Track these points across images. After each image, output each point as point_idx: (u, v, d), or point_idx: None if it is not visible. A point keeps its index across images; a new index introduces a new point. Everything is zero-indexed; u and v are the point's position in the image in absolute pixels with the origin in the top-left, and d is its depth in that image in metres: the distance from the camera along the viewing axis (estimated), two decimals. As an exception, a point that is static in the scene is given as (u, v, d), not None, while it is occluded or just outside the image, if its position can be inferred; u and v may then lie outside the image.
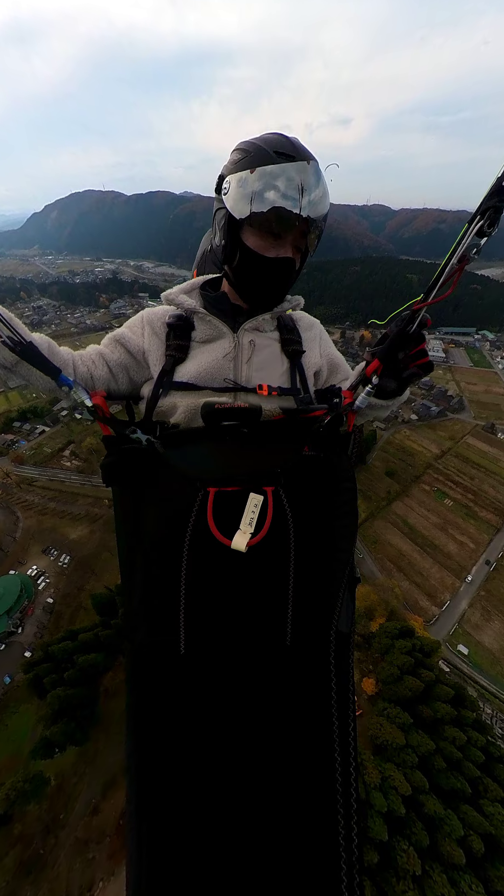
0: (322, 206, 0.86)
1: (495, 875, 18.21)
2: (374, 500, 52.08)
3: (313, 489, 0.94)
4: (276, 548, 0.85)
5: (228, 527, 0.81)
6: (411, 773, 21.49)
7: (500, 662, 34.92)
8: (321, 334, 1.22)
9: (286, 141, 0.84)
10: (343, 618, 0.92)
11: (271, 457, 0.92)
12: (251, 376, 1.00)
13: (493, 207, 0.70)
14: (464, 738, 22.93)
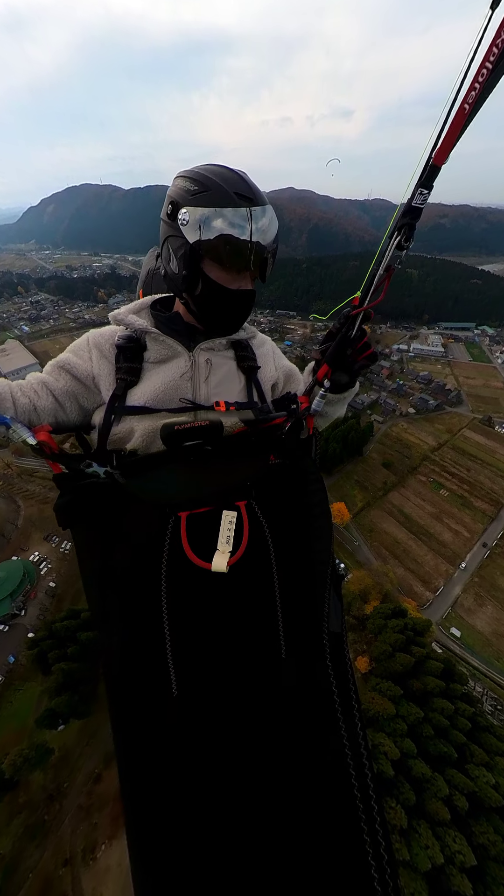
0: (272, 242, 0.93)
1: (478, 830, 19.39)
2: (370, 491, 53.20)
3: (285, 496, 0.97)
4: (257, 561, 0.85)
5: (206, 549, 0.80)
6: (401, 741, 22.66)
7: (491, 644, 36.13)
8: (273, 350, 1.28)
9: (242, 182, 0.88)
10: (333, 618, 0.93)
11: (239, 471, 0.93)
12: (209, 395, 1.00)
13: (407, 224, 0.82)
14: (451, 709, 24.11)
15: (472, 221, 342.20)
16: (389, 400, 76.62)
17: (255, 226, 0.87)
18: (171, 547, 0.80)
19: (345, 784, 0.74)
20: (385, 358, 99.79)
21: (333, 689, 0.83)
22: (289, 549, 0.90)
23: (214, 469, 0.92)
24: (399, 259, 0.89)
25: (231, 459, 0.94)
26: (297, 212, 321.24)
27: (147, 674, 0.78)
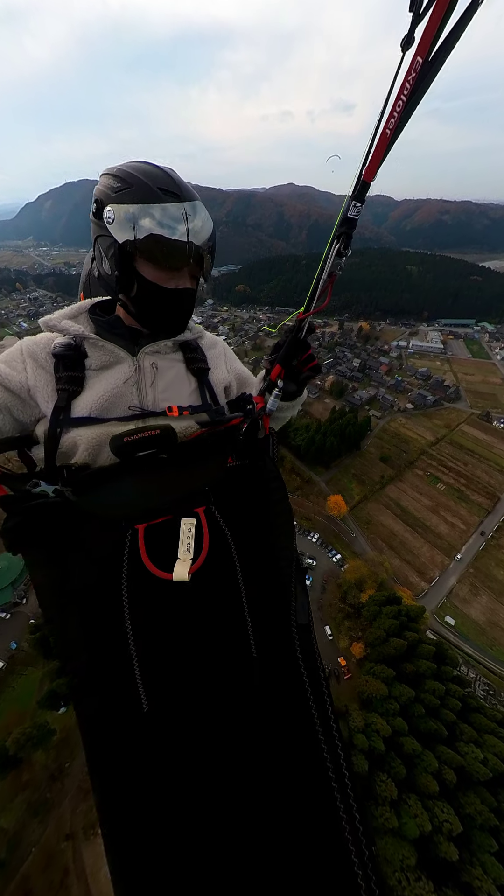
0: (207, 237, 0.92)
1: (466, 802, 20.25)
2: (367, 484, 53.99)
3: (245, 497, 0.98)
4: (220, 566, 0.86)
5: (166, 560, 0.80)
6: (392, 719, 23.52)
7: (485, 632, 37.01)
8: (225, 351, 1.25)
9: (167, 178, 0.87)
10: (300, 610, 0.95)
11: (197, 476, 0.93)
12: (157, 399, 0.98)
13: (344, 234, 0.88)
14: (443, 689, 24.96)
15: (474, 218, 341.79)
16: (388, 396, 77.30)
17: (187, 223, 0.86)
18: (130, 561, 0.79)
19: (321, 776, 0.75)
20: (384, 354, 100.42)
21: (305, 679, 0.85)
22: (252, 549, 0.92)
23: (171, 477, 0.90)
24: (339, 266, 0.93)
25: (188, 465, 0.93)
26: (297, 208, 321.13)
27: (115, 693, 0.77)
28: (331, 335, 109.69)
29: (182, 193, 0.87)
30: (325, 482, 53.47)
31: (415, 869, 18.26)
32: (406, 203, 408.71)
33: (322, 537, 44.53)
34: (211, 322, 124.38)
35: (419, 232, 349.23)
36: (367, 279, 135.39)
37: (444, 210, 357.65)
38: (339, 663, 31.99)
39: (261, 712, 0.82)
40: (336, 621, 35.03)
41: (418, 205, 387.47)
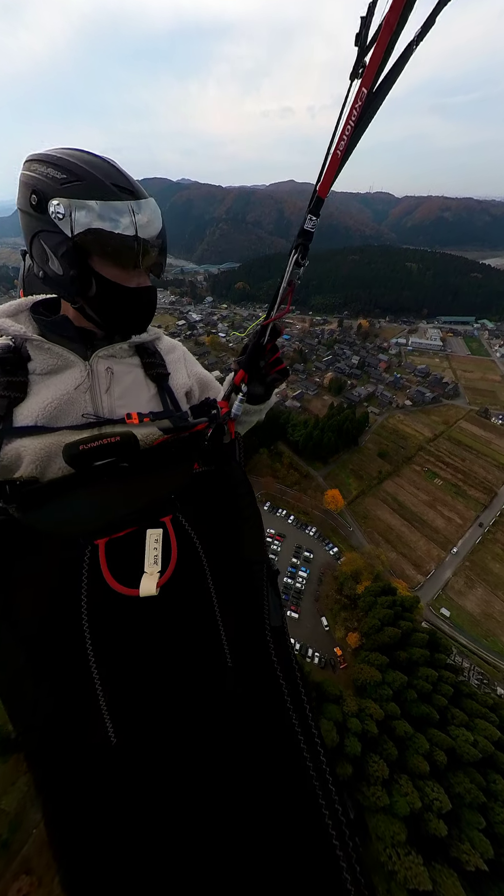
0: (161, 234, 0.90)
1: (456, 781, 20.96)
2: (365, 479, 54.63)
3: (213, 503, 0.96)
4: (190, 575, 0.84)
5: (132, 575, 0.76)
6: (386, 704, 24.22)
7: (480, 624, 37.71)
8: (185, 355, 1.24)
9: (117, 172, 0.84)
10: (273, 613, 0.95)
11: (162, 484, 0.89)
12: (113, 407, 0.93)
13: (302, 245, 0.91)
14: (435, 676, 25.66)
15: (475, 215, 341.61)
16: (386, 392, 77.87)
17: (143, 220, 0.84)
18: (90, 580, 0.74)
19: (304, 780, 0.74)
20: (383, 352, 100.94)
21: (281, 682, 0.84)
22: (222, 556, 0.91)
23: (133, 486, 0.86)
24: (298, 275, 0.96)
25: (151, 473, 0.89)
26: (297, 205, 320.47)
27: (78, 728, 0.70)
28: (330, 332, 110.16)
29: (135, 190, 0.85)
30: (323, 477, 54.09)
31: (405, 844, 18.97)
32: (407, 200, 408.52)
33: (319, 531, 45.18)
34: (210, 319, 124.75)
35: (420, 229, 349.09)
36: (367, 277, 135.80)
37: (445, 207, 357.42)
38: (335, 653, 32.67)
39: (238, 721, 0.80)
40: (332, 612, 35.69)
41: (419, 202, 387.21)
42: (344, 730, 22.82)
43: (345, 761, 21.74)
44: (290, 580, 39.24)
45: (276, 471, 53.76)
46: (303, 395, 76.82)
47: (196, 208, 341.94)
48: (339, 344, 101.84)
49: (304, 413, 67.03)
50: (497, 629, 37.34)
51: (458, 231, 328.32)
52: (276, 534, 44.52)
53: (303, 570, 40.11)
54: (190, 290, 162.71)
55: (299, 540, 44.09)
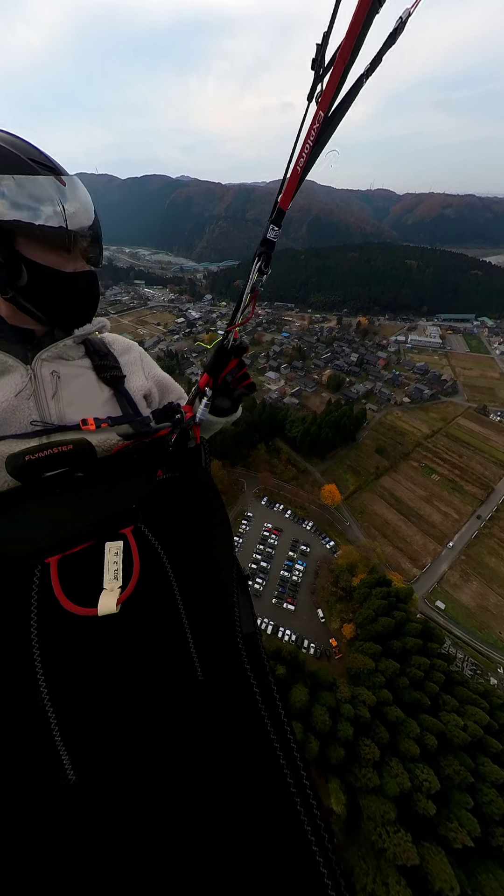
0: (93, 214, 0.87)
1: (445, 764, 21.58)
2: (363, 475, 55.18)
3: (178, 510, 0.92)
4: (154, 588, 0.79)
5: (89, 593, 0.70)
6: (378, 691, 24.85)
7: (475, 616, 38.30)
8: (142, 356, 1.19)
9: (32, 148, 0.79)
10: (244, 620, 0.92)
11: (122, 494, 0.85)
12: (63, 413, 0.87)
13: (264, 253, 0.90)
14: (427, 664, 26.29)
15: (477, 212, 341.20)
16: (385, 390, 78.37)
17: (74, 198, 0.79)
18: (41, 602, 0.67)
19: (281, 789, 0.68)
20: (382, 349, 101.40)
21: (255, 690, 0.80)
22: (189, 565, 0.86)
23: (89, 497, 0.80)
24: (261, 282, 0.97)
25: (109, 483, 0.84)
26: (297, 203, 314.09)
27: (29, 768, 0.62)
28: (329, 330, 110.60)
29: (56, 166, 0.81)
30: (321, 473, 54.65)
31: (395, 822, 19.61)
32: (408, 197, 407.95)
33: (316, 525, 45.77)
34: (209, 317, 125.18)
35: (421, 226, 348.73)
36: (367, 274, 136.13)
37: (446, 204, 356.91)
38: (331, 644, 33.31)
39: (211, 737, 0.75)
40: (328, 605, 36.30)
41: (420, 199, 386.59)
42: (337, 715, 23.46)
43: (337, 745, 22.40)
44: (287, 573, 39.84)
45: (274, 466, 54.35)
46: (301, 391, 77.34)
47: (196, 206, 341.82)
48: (338, 341, 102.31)
49: (302, 410, 67.60)
50: (491, 621, 37.95)
51: (460, 228, 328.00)
52: (274, 528, 45.13)
53: (299, 564, 40.71)
54: (189, 288, 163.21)
55: (296, 534, 44.68)
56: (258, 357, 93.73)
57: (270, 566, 40.62)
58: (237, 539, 43.65)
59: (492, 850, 19.20)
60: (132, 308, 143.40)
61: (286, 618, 36.02)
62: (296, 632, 34.55)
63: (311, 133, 0.77)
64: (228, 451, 52.61)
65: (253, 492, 50.70)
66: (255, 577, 39.52)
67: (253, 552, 42.19)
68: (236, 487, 51.34)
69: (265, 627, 34.61)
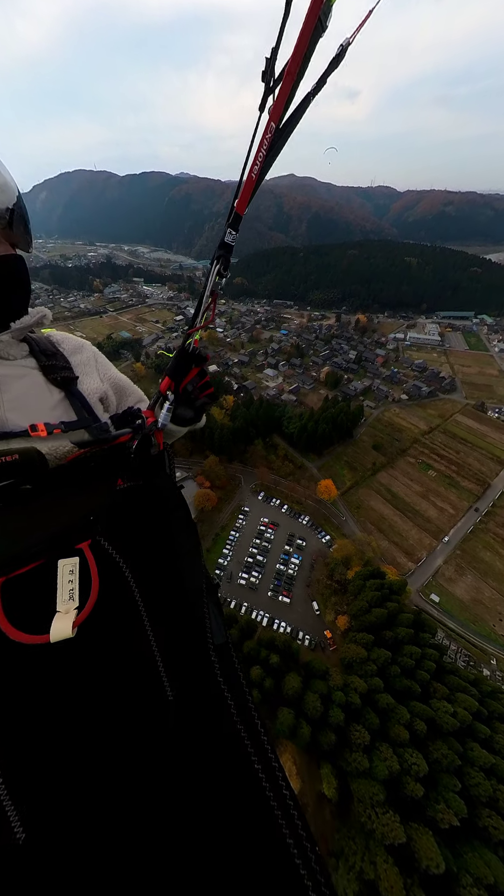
0: (12, 196, 0.82)
1: (434, 749, 22.13)
2: (359, 471, 55.69)
3: (142, 522, 0.88)
4: (117, 605, 0.74)
5: (40, 617, 0.63)
6: (370, 679, 25.41)
7: (469, 609, 38.86)
8: (96, 356, 1.13)
9: None
10: (216, 631, 0.89)
11: (77, 506, 0.77)
12: (5, 419, 0.80)
13: (222, 256, 0.92)
14: (419, 652, 26.84)
15: (478, 209, 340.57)
16: (383, 387, 78.82)
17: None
18: None
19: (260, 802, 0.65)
20: (381, 346, 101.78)
21: (230, 703, 0.77)
22: (154, 579, 0.82)
23: (39, 511, 0.73)
24: (220, 285, 0.98)
25: (64, 494, 0.77)
26: (297, 200, 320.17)
27: None
28: (328, 328, 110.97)
29: None
30: (318, 468, 55.16)
31: (383, 804, 20.18)
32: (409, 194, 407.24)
33: (312, 520, 46.31)
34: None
35: (422, 224, 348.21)
36: (366, 272, 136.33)
37: (447, 201, 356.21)
38: (325, 636, 33.88)
39: (183, 760, 0.69)
40: (323, 597, 36.86)
41: (421, 196, 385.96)
42: (328, 702, 24.03)
43: (329, 730, 22.98)
44: (283, 567, 40.40)
45: (271, 462, 54.86)
46: (299, 389, 77.78)
47: (195, 203, 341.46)
48: (337, 339, 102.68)
49: (299, 406, 68.04)
50: (485, 614, 38.50)
51: (461, 226, 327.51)
52: (270, 522, 45.67)
53: (295, 557, 41.26)
54: (188, 286, 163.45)
55: (292, 528, 45.23)
56: (256, 354, 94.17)
57: (267, 560, 41.17)
58: (234, 534, 44.22)
59: (478, 830, 19.76)
60: (131, 306, 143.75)
61: (282, 610, 36.58)
62: (291, 624, 35.11)
63: (263, 142, 0.80)
64: (226, 447, 53.13)
65: (250, 487, 51.22)
66: (251, 570, 40.11)
67: (249, 546, 42.74)
68: (233, 483, 51.87)
69: (261, 620, 35.23)
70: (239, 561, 41.23)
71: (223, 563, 40.89)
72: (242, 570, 40.13)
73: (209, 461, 50.10)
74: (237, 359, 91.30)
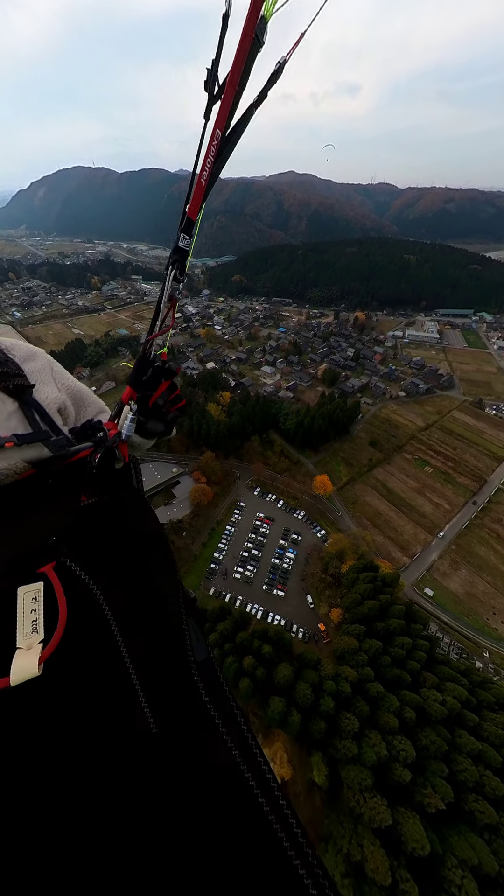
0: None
1: (423, 736, 22.55)
2: (355, 467, 56.07)
3: (110, 540, 0.83)
4: (89, 634, 0.67)
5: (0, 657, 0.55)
6: (361, 669, 25.82)
7: (462, 603, 39.27)
8: (51, 364, 1.06)
9: None
10: (196, 646, 0.84)
11: (36, 526, 0.71)
12: None
13: (178, 261, 0.92)
14: (410, 643, 27.25)
15: (479, 206, 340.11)
16: (380, 384, 79.13)
17: None
18: None
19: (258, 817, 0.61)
20: (379, 344, 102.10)
21: (218, 723, 0.73)
22: (128, 599, 0.76)
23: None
24: (177, 290, 0.98)
25: (20, 514, 0.70)
26: (296, 197, 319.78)
27: None
28: (326, 325, 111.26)
29: None
30: (314, 464, 55.55)
31: (371, 789, 20.60)
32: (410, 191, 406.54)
33: (308, 515, 46.72)
34: (206, 312, 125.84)
35: (422, 221, 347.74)
36: (364, 269, 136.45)
37: (448, 198, 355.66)
38: (319, 629, 34.30)
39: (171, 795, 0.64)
40: (317, 591, 37.28)
41: (422, 193, 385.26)
42: (319, 691, 24.45)
43: (319, 718, 23.40)
44: (278, 561, 40.82)
45: (268, 458, 55.24)
46: (297, 386, 78.12)
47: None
48: (335, 336, 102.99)
49: (296, 403, 68.35)
50: (479, 608, 38.92)
51: (462, 223, 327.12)
52: (266, 517, 46.07)
53: (290, 552, 41.67)
54: (187, 284, 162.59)
55: (288, 523, 45.64)
56: (254, 352, 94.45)
57: (262, 554, 41.59)
58: (229, 528, 44.62)
59: (464, 814, 20.18)
60: (129, 303, 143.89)
61: (276, 603, 37.01)
62: (285, 617, 35.54)
63: (210, 148, 0.83)
64: (222, 443, 53.52)
65: (246, 482, 51.60)
66: (246, 564, 40.53)
67: (245, 540, 43.17)
68: (230, 478, 52.26)
69: (255, 613, 35.64)
70: (234, 555, 41.65)
71: (219, 558, 41.33)
72: (238, 564, 40.55)
73: (205, 457, 50.49)
74: (235, 356, 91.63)
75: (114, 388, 77.65)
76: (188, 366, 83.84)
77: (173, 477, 50.97)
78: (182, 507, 46.68)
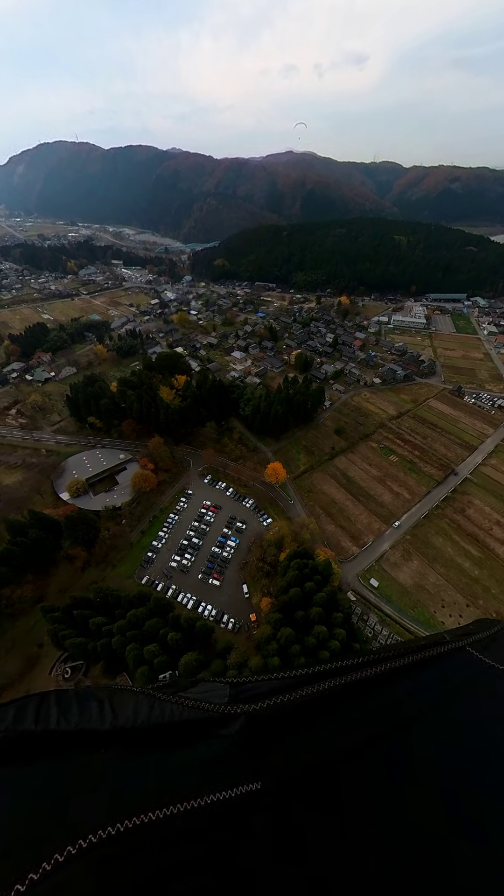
0: None
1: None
2: (316, 455, 55.68)
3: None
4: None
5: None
6: (270, 659, 25.74)
7: (410, 595, 39.13)
8: None
9: None
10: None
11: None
12: None
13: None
14: (326, 633, 27.15)
15: (487, 185, 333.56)
16: (356, 370, 78.37)
17: None
18: None
19: None
20: (361, 329, 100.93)
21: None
22: None
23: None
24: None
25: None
26: (291, 177, 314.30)
27: None
28: (308, 310, 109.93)
29: None
30: (273, 452, 55.21)
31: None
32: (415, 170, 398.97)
33: (256, 503, 46.50)
34: (185, 298, 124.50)
35: (425, 202, 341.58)
36: (351, 251, 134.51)
37: (454, 177, 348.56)
38: (251, 619, 34.26)
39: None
40: (255, 579, 37.20)
41: (426, 172, 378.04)
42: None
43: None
44: (219, 549, 40.71)
45: (224, 445, 54.89)
46: (266, 371, 77.46)
47: (184, 181, 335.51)
48: (316, 322, 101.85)
49: (261, 389, 67.67)
50: (427, 600, 38.78)
51: (467, 204, 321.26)
52: (212, 505, 45.89)
53: (232, 540, 41.54)
54: (169, 269, 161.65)
55: (235, 511, 45.45)
56: (228, 337, 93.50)
57: (202, 542, 41.49)
58: (172, 516, 44.38)
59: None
60: (106, 289, 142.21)
61: (210, 593, 36.96)
62: (218, 606, 35.49)
63: None
64: (173, 428, 53.09)
65: (198, 470, 51.34)
66: (185, 552, 40.42)
67: (187, 529, 43.02)
68: (181, 466, 51.98)
69: (187, 602, 35.57)
70: (174, 543, 41.54)
71: (157, 546, 41.24)
72: (176, 552, 40.44)
73: (153, 442, 50.15)
74: (206, 341, 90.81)
75: (74, 373, 76.79)
76: (153, 351, 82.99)
77: (120, 463, 50.66)
78: (123, 493, 46.46)
